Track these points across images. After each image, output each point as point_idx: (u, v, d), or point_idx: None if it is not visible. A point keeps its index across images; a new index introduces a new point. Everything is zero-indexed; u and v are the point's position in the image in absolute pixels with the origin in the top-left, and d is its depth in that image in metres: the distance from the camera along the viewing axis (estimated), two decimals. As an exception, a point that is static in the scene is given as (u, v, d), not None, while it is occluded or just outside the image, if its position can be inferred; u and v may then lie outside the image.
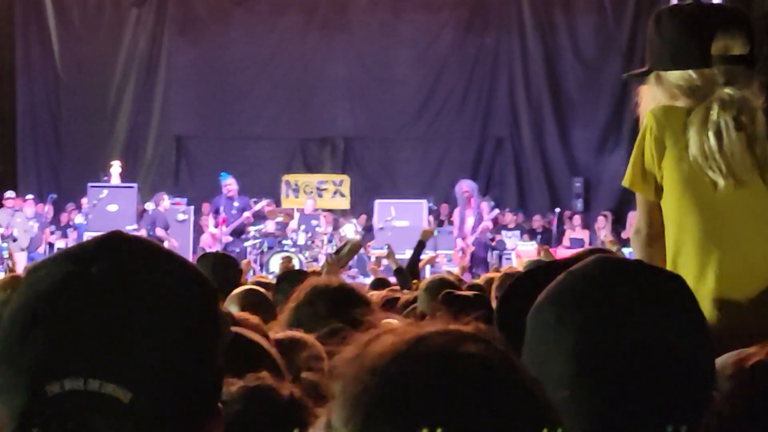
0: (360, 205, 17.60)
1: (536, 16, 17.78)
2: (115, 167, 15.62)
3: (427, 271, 13.79)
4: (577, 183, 17.42)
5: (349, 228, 15.20)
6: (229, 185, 14.63)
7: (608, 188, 17.13)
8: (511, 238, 15.85)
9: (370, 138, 18.63)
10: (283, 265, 7.82)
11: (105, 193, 14.77)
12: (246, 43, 18.14)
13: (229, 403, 1.41)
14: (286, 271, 6.16)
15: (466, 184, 14.73)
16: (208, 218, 15.15)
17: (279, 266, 9.51)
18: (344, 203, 18.10)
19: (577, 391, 1.21)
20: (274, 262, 13.81)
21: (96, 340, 1.02)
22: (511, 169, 18.53)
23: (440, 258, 14.23)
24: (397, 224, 15.11)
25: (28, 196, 15.80)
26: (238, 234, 14.56)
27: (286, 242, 14.81)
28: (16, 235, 14.06)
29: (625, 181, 2.54)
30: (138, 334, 1.03)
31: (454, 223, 15.00)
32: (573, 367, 1.22)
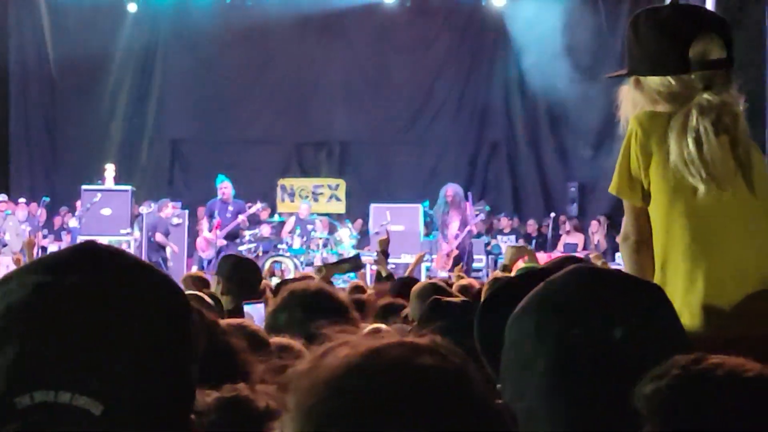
0: (356, 209, 17.60)
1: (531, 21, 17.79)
2: (109, 171, 15.59)
3: (423, 273, 13.81)
4: (572, 188, 17.44)
5: (344, 232, 15.20)
6: (225, 188, 14.61)
7: (603, 193, 17.08)
8: (507, 243, 15.84)
9: (366, 142, 18.64)
10: (267, 272, 7.79)
11: (99, 196, 14.73)
12: (242, 47, 18.11)
13: (204, 414, 1.40)
14: (285, 279, 6.15)
15: (451, 188, 14.69)
16: (203, 222, 15.12)
17: (265, 272, 9.50)
18: (340, 207, 18.10)
19: (555, 398, 1.21)
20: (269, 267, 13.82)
21: (68, 352, 1.01)
22: (506, 174, 18.56)
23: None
24: (393, 228, 15.09)
25: (21, 200, 15.78)
26: (233, 238, 14.53)
27: (281, 246, 14.81)
28: (8, 239, 14.02)
29: (612, 188, 2.53)
30: (110, 346, 1.02)
31: (438, 227, 14.97)
32: (551, 375, 1.22)
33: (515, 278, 1.52)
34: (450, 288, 4.78)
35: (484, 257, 14.86)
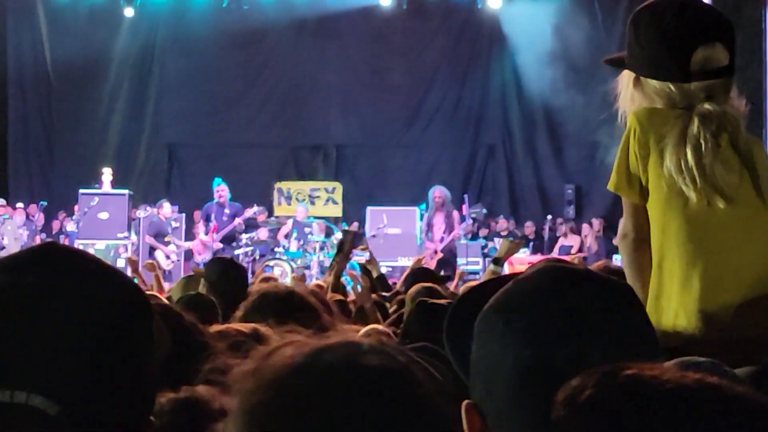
0: (352, 212, 17.59)
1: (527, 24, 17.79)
2: (107, 175, 15.57)
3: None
4: (569, 190, 17.44)
5: (340, 235, 15.17)
6: (221, 191, 14.59)
7: (600, 195, 17.12)
8: (504, 243, 15.78)
9: (362, 145, 18.62)
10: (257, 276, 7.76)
11: (96, 200, 14.73)
12: (238, 51, 18.13)
13: (158, 415, 1.39)
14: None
15: (439, 190, 14.61)
16: (199, 225, 15.10)
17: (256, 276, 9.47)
18: (337, 210, 18.09)
19: (523, 395, 1.21)
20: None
21: (24, 352, 1.01)
22: (503, 177, 18.54)
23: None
24: (390, 231, 15.08)
25: (18, 205, 15.77)
26: (229, 241, 14.51)
27: (278, 250, 14.79)
28: (6, 243, 14.01)
29: (610, 184, 2.50)
30: (68, 346, 1.02)
31: (423, 229, 14.90)
32: (519, 371, 1.21)
33: (487, 282, 1.51)
34: (446, 292, 4.78)
35: (481, 260, 14.81)
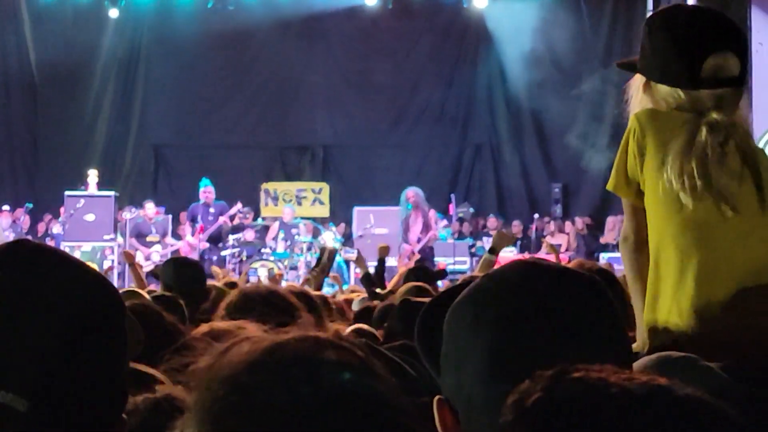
0: (340, 212, 17.59)
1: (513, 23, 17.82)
2: (92, 176, 15.50)
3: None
4: (556, 189, 17.48)
5: (328, 236, 15.17)
6: (207, 193, 14.57)
7: (587, 194, 17.18)
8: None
9: (349, 146, 18.62)
10: (243, 278, 7.78)
11: (82, 202, 14.67)
12: (224, 51, 18.09)
13: (132, 414, 1.39)
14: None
15: (412, 191, 14.50)
16: (185, 227, 15.07)
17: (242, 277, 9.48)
18: (324, 211, 18.07)
19: (492, 387, 1.21)
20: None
21: None
22: (490, 176, 18.56)
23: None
24: (377, 231, 15.08)
25: (4, 207, 15.69)
26: (215, 241, 14.48)
27: (265, 251, 14.77)
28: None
29: (609, 185, 2.50)
30: (37, 343, 1.01)
31: (400, 231, 14.83)
32: (488, 364, 1.21)
33: (463, 283, 1.52)
34: (436, 292, 4.79)
35: (468, 259, 14.82)
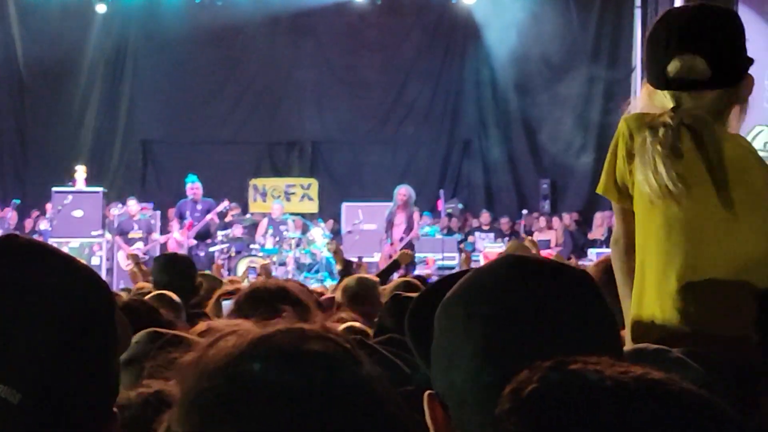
0: (328, 208, 17.60)
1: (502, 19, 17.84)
2: (80, 172, 15.46)
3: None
4: (544, 185, 17.52)
5: (317, 232, 15.17)
6: (195, 189, 14.53)
7: (575, 190, 17.24)
8: (485, 240, 15.90)
9: (338, 141, 18.64)
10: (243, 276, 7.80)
11: (70, 198, 14.62)
12: (212, 47, 18.06)
13: (125, 408, 1.39)
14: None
15: (405, 189, 14.43)
16: (173, 223, 15.02)
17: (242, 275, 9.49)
18: (312, 207, 18.09)
19: (483, 383, 1.21)
20: (243, 267, 13.77)
21: None
22: (479, 172, 18.60)
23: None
24: (365, 227, 15.09)
25: (-8, 204, 15.67)
26: (203, 238, 14.45)
27: (253, 246, 14.76)
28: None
29: (599, 188, 2.50)
30: (28, 335, 1.02)
31: (384, 227, 14.80)
32: (480, 360, 1.22)
33: (452, 275, 1.52)
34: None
35: (457, 255, 14.85)
